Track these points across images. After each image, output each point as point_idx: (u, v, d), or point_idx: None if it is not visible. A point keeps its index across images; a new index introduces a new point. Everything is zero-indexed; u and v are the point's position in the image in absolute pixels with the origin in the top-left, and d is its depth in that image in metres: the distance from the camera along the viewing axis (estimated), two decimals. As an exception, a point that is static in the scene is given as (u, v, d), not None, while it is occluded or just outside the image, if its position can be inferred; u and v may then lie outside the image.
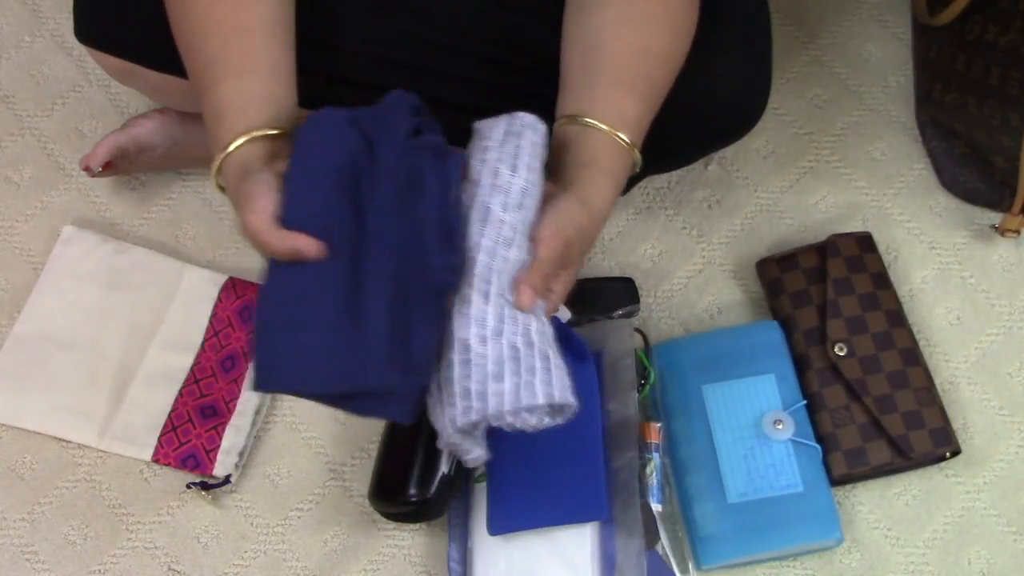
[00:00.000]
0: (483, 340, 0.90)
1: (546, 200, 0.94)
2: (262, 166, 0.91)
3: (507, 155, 0.93)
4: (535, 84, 1.09)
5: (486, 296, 0.91)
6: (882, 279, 1.29)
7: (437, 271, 0.89)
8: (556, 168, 0.97)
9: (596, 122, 0.97)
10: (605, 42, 1.00)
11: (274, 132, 0.93)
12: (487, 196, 0.92)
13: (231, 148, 0.92)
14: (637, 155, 0.99)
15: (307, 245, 0.87)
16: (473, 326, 0.90)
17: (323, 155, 0.90)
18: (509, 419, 0.91)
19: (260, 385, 0.88)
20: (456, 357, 0.90)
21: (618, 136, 0.97)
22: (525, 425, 0.92)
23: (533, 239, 0.92)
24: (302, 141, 0.91)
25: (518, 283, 0.91)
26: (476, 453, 0.96)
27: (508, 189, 0.92)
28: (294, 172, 0.90)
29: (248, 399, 1.27)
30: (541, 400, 0.89)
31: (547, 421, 0.93)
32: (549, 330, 0.94)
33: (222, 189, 0.95)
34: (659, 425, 1.22)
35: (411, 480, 1.16)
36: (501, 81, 1.14)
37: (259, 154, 0.92)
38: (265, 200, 0.88)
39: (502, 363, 0.90)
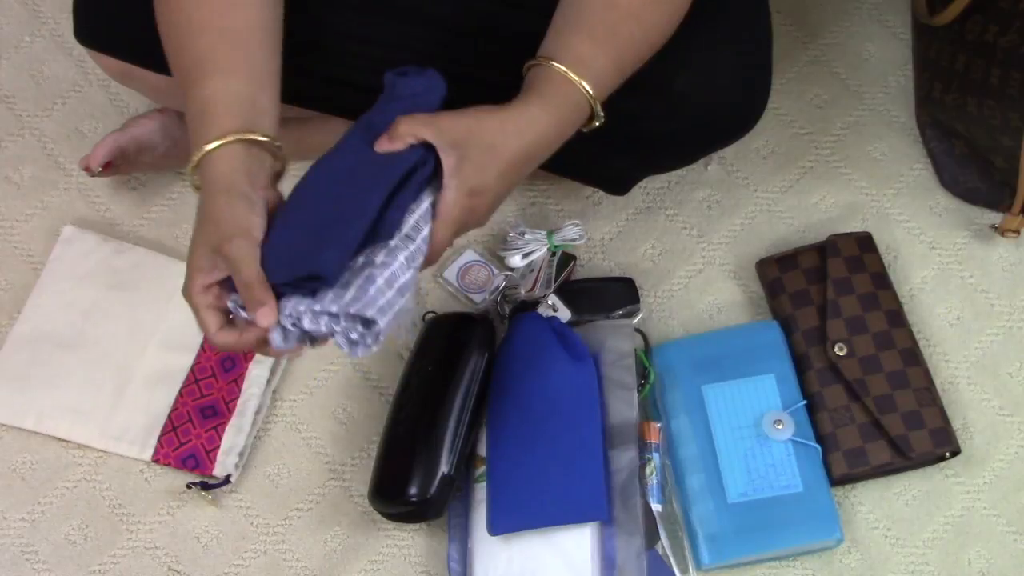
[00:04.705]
0: None
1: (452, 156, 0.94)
2: (247, 185, 0.91)
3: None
4: None
5: None
6: (882, 279, 1.29)
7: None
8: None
9: (550, 60, 0.97)
10: None
11: (258, 137, 0.93)
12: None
13: (214, 145, 0.91)
14: (597, 107, 0.99)
15: (266, 310, 0.89)
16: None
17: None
18: (308, 320, 0.90)
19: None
20: None
21: (562, 70, 0.97)
22: (331, 333, 0.91)
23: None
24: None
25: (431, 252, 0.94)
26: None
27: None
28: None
29: (248, 399, 1.27)
30: (334, 308, 0.89)
31: (355, 337, 0.91)
32: (403, 271, 0.93)
33: (197, 188, 0.95)
34: (659, 425, 1.22)
35: (411, 480, 1.16)
36: (503, 79, 1.14)
37: (243, 166, 0.92)
38: (257, 225, 0.91)
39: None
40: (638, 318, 1.31)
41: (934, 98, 1.34)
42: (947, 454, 1.23)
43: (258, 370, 1.28)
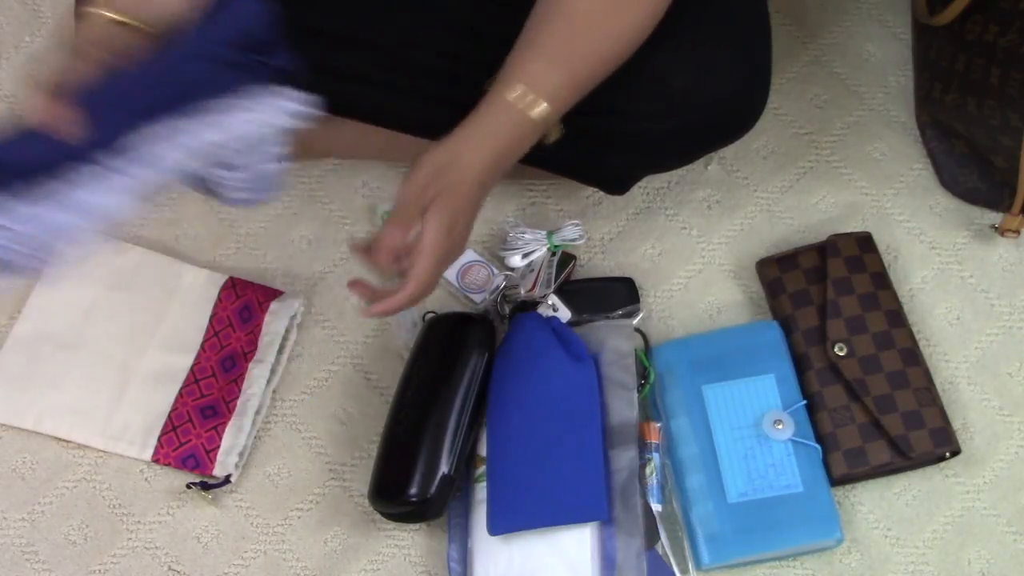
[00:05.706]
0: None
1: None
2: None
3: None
4: None
5: None
6: (882, 279, 1.29)
7: None
8: None
9: (499, 81, 0.99)
10: (536, 9, 1.02)
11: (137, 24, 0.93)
12: None
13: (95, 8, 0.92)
14: (537, 112, 1.00)
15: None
16: None
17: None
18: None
19: None
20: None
21: (503, 95, 0.99)
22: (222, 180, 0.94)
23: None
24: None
25: (379, 243, 0.98)
26: (241, 195, 0.95)
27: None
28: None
29: (248, 399, 1.27)
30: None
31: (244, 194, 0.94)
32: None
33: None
34: (659, 425, 1.22)
35: (411, 480, 1.16)
36: None
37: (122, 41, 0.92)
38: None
39: None
40: (638, 318, 1.31)
41: (934, 98, 1.34)
42: (947, 454, 1.23)
43: (258, 370, 1.28)
